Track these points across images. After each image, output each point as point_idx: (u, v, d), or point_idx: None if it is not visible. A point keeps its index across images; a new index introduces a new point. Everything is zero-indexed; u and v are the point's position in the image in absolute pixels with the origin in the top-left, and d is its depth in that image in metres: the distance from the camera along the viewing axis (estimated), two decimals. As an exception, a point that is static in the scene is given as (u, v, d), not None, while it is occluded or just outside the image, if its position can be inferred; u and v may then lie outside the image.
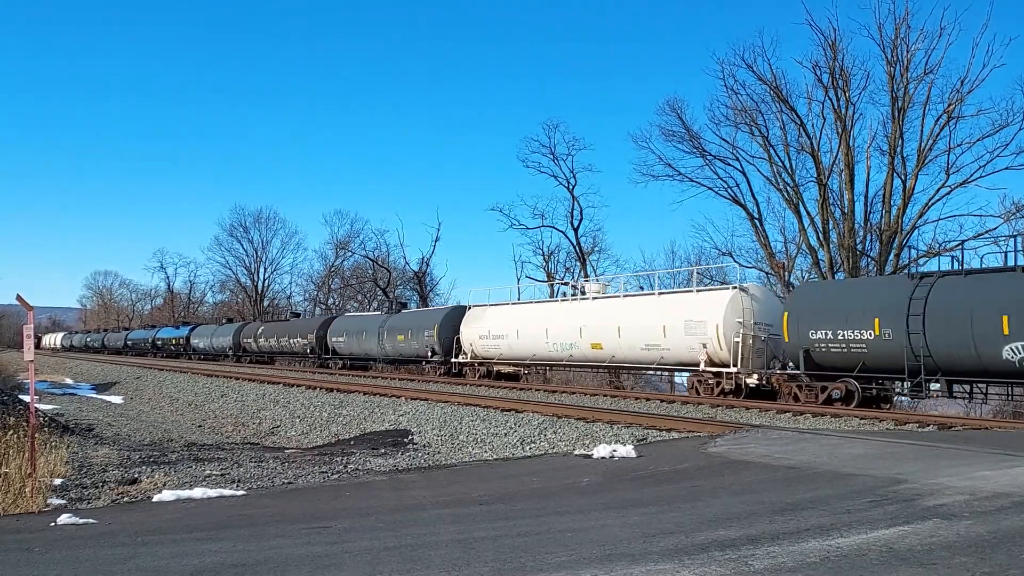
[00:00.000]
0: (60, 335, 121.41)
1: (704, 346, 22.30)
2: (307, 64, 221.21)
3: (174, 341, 68.10)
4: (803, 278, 39.72)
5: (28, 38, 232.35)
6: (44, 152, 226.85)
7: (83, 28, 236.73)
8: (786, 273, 40.04)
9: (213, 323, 72.77)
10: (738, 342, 21.56)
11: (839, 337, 19.28)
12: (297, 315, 63.16)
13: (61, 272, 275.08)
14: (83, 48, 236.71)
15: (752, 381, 21.46)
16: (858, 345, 18.91)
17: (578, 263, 53.33)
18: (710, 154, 40.87)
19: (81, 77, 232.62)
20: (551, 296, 43.16)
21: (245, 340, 54.06)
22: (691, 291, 24.54)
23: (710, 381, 22.26)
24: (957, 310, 16.99)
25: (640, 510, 7.01)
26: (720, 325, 21.89)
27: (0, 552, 6.19)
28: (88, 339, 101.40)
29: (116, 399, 35.74)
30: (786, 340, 20.51)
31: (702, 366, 22.42)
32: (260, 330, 53.03)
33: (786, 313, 20.67)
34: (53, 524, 7.26)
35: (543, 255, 55.82)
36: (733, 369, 21.54)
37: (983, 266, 18.32)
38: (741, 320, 21.79)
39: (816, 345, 19.64)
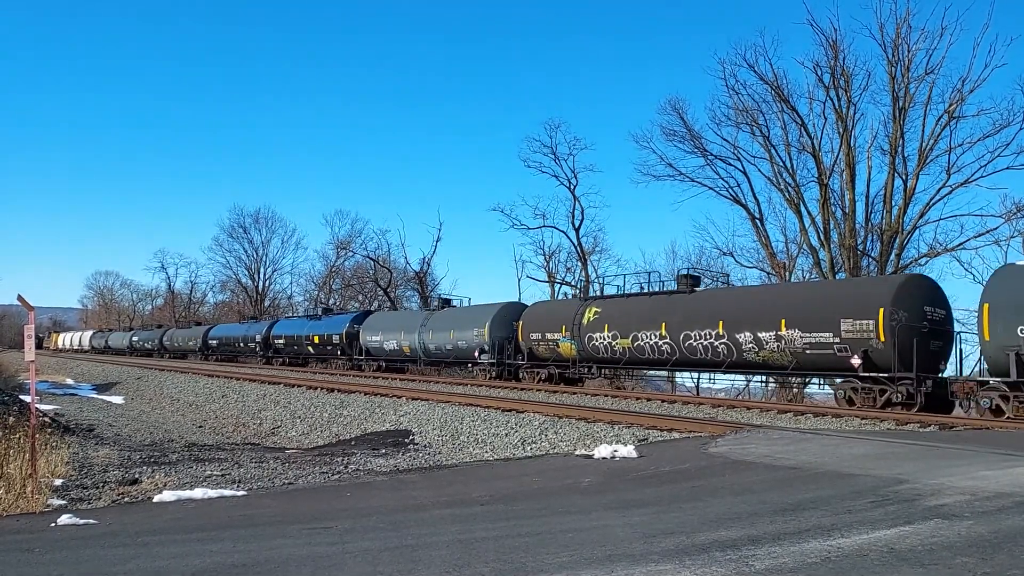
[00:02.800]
0: (88, 333, 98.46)
1: None
2: (307, 63, 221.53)
3: (315, 339, 44.00)
4: (803, 278, 39.71)
5: (28, 36, 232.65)
6: (44, 151, 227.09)
7: (83, 27, 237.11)
8: (787, 273, 40.01)
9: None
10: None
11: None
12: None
13: (61, 272, 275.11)
14: (83, 47, 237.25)
15: None
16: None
17: (579, 263, 53.43)
18: (711, 154, 40.94)
19: (81, 76, 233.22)
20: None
21: (535, 339, 29.86)
22: None
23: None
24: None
25: (641, 510, 7.00)
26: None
27: (1, 552, 6.19)
28: (135, 338, 77.68)
29: (117, 399, 35.69)
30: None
31: None
32: (594, 313, 27.53)
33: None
34: (54, 524, 7.25)
35: (544, 255, 55.97)
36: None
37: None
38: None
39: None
